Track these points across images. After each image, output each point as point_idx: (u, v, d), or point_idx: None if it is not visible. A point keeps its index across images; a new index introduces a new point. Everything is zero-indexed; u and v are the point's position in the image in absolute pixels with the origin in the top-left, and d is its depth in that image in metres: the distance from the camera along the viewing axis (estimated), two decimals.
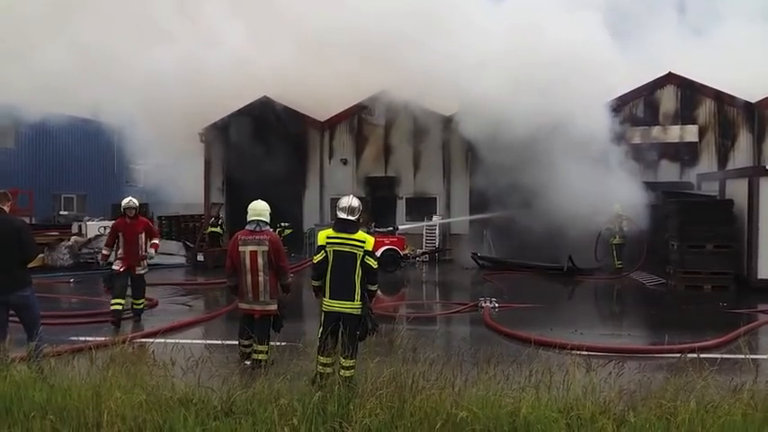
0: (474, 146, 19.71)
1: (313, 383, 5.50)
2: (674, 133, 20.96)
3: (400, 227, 19.74)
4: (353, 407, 4.74)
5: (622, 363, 5.67)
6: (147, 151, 27.82)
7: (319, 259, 6.26)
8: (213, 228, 20.70)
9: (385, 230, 18.46)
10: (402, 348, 5.92)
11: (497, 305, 11.66)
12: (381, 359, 5.51)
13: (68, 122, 27.27)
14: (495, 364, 5.44)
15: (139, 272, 10.21)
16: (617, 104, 20.21)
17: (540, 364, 5.49)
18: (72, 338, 8.16)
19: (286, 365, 5.87)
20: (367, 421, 4.53)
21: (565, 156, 16.54)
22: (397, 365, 5.26)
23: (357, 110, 23.09)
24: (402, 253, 18.10)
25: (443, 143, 22.16)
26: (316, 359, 6.13)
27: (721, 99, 20.71)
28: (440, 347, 7.92)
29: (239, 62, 22.01)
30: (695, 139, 20.84)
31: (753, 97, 20.34)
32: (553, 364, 5.49)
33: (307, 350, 6.17)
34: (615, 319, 12.86)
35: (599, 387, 5.10)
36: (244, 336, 7.20)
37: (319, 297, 6.37)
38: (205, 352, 6.01)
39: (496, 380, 5.17)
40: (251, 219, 7.29)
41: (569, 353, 6.19)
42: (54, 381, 5.27)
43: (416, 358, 5.68)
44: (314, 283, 6.37)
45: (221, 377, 5.26)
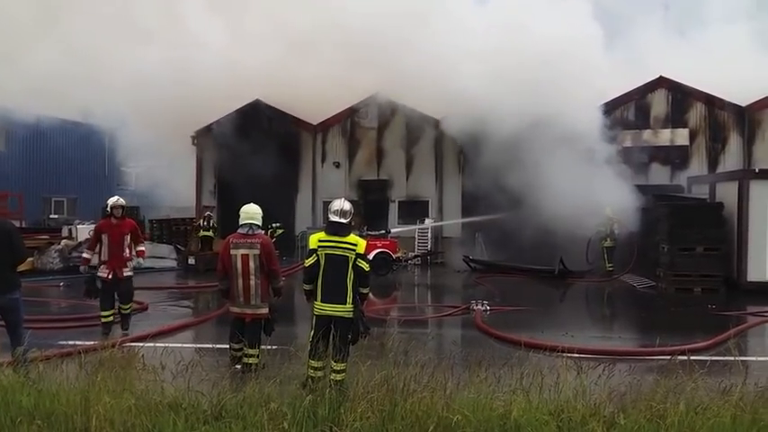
0: (465, 148, 19.76)
1: (304, 387, 5.48)
2: (665, 136, 21.09)
3: (392, 230, 19.76)
4: (344, 410, 4.73)
5: (613, 365, 5.69)
6: (139, 154, 27.72)
7: (311, 263, 6.25)
8: (206, 232, 20.61)
9: (377, 233, 18.46)
10: (393, 351, 5.91)
11: (489, 308, 11.66)
12: (373, 362, 5.50)
13: (59, 125, 27.13)
14: (486, 367, 5.45)
15: (126, 274, 9.46)
16: (608, 107, 20.32)
17: (531, 367, 5.50)
18: (61, 342, 8.09)
19: (277, 369, 5.85)
20: (358, 424, 4.52)
21: (555, 158, 16.60)
22: (389, 369, 5.26)
23: (350, 113, 23.11)
24: (394, 256, 18.09)
25: (436, 146, 22.22)
26: (307, 363, 6.11)
27: (712, 102, 20.87)
28: (431, 350, 7.91)
29: (231, 64, 21.99)
30: (686, 143, 20.97)
31: (743, 101, 20.49)
32: (544, 367, 5.50)
33: (298, 354, 6.15)
34: (606, 322, 12.92)
35: (589, 389, 5.12)
36: (234, 339, 7.16)
37: (311, 301, 6.35)
38: (195, 356, 5.98)
39: (488, 383, 5.18)
40: (243, 222, 7.27)
41: (560, 355, 6.20)
42: (42, 385, 5.23)
43: (408, 361, 5.67)
44: (305, 287, 6.35)
45: (211, 381, 5.23)
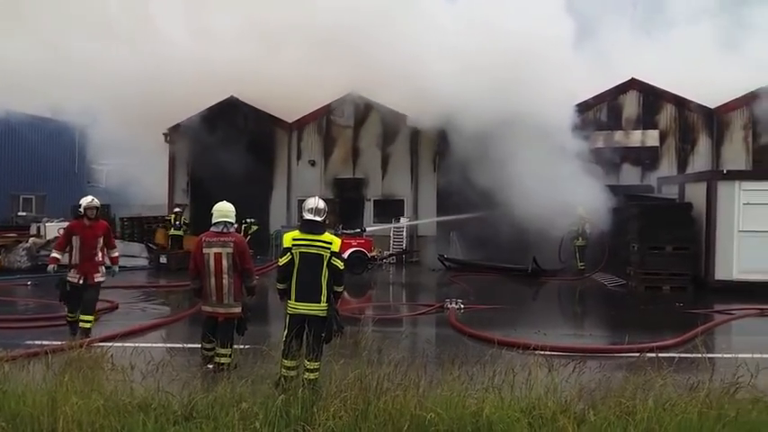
0: (439, 146, 19.85)
1: (277, 387, 5.45)
2: (636, 138, 21.43)
3: (368, 228, 19.75)
4: (317, 409, 4.71)
5: (583, 362, 5.77)
6: (110, 151, 27.25)
7: (285, 262, 6.21)
8: (176, 231, 20.34)
9: (352, 232, 18.43)
10: (367, 350, 5.92)
11: (463, 306, 11.73)
12: (346, 361, 5.50)
13: (29, 121, 26.55)
14: (459, 365, 5.49)
15: (98, 279, 8.89)
16: (581, 108, 20.58)
17: (504, 365, 5.55)
18: (28, 342, 7.92)
19: (249, 369, 5.81)
20: (331, 423, 4.51)
21: (527, 158, 16.75)
22: (362, 367, 5.26)
23: (325, 111, 23.03)
24: (369, 255, 18.09)
25: (411, 145, 22.27)
26: (280, 362, 6.07)
27: (682, 104, 21.27)
28: (405, 349, 7.93)
29: (204, 61, 21.73)
30: (656, 144, 21.34)
31: (712, 102, 20.92)
32: (516, 365, 5.56)
33: (271, 353, 6.11)
34: (577, 320, 13.11)
35: (560, 386, 5.19)
36: (206, 339, 7.09)
37: (284, 300, 6.31)
38: (166, 356, 5.91)
39: (460, 381, 5.21)
40: (216, 220, 7.19)
41: (532, 353, 6.26)
42: (7, 386, 5.11)
43: (381, 360, 5.69)
44: (279, 286, 6.30)
45: (182, 381, 5.18)
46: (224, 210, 7.23)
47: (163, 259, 18.92)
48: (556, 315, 13.62)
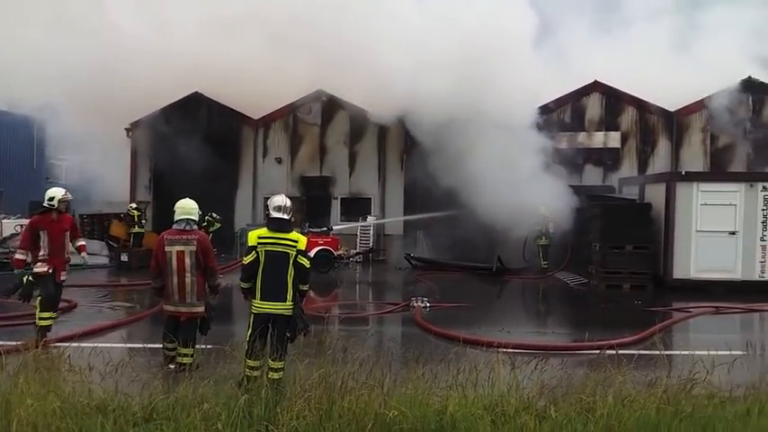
0: (407, 145, 19.91)
1: (240, 387, 5.39)
2: (599, 139, 21.84)
3: (334, 227, 19.68)
4: (281, 409, 4.68)
5: (546, 360, 5.86)
6: (70, 146, 26.56)
7: (250, 260, 6.14)
8: (140, 228, 19.92)
9: (319, 230, 18.34)
10: (332, 349, 5.90)
11: (429, 305, 11.80)
12: (311, 360, 5.47)
13: None
14: (423, 364, 5.52)
15: (63, 277, 8.54)
16: (546, 110, 20.89)
17: (468, 363, 5.60)
18: None
19: (212, 369, 5.73)
20: (294, 423, 4.49)
21: (491, 157, 16.88)
22: (327, 366, 5.24)
23: (292, 108, 22.86)
24: (336, 253, 18.03)
25: (379, 144, 22.28)
26: (243, 362, 6.00)
27: (643, 107, 21.75)
28: (370, 348, 7.91)
29: (168, 54, 21.33)
30: (618, 145, 21.78)
31: (672, 105, 21.46)
32: (480, 362, 5.61)
33: (234, 353, 6.04)
34: (540, 318, 13.31)
35: (523, 384, 5.26)
36: (168, 339, 6.98)
37: (248, 299, 6.24)
38: (126, 356, 5.79)
39: (425, 379, 5.24)
40: (179, 218, 7.08)
41: (496, 351, 6.32)
42: None
43: (346, 359, 5.67)
44: (243, 285, 6.23)
45: (142, 382, 5.08)
46: (187, 207, 7.12)
47: (124, 257, 18.52)
48: (519, 313, 13.82)
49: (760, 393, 5.26)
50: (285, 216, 6.25)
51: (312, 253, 16.17)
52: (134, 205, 20.44)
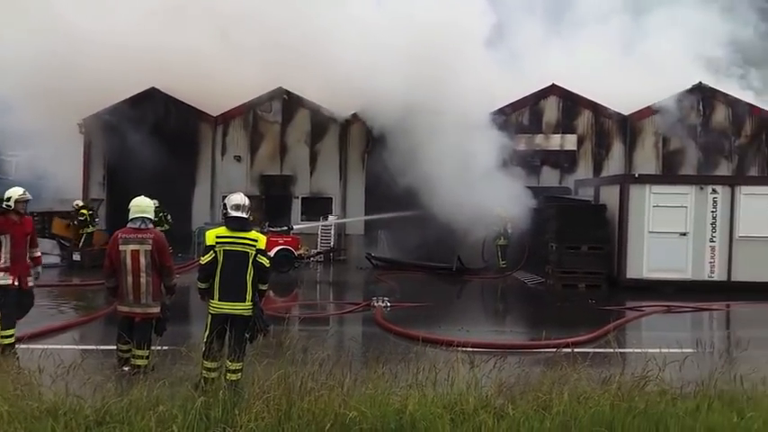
0: (368, 145, 19.91)
1: (196, 389, 5.29)
2: (556, 141, 22.26)
3: (295, 226, 19.53)
4: (239, 411, 4.62)
5: (504, 358, 5.94)
6: (20, 141, 25.56)
7: (208, 260, 6.04)
8: (93, 227, 19.34)
9: (279, 230, 18.17)
10: (292, 349, 5.85)
11: (389, 304, 11.82)
12: (270, 361, 5.41)
13: None
14: (383, 363, 5.52)
15: (30, 284, 7.81)
16: (505, 112, 21.18)
17: (428, 362, 5.63)
18: None
19: (168, 371, 5.62)
20: (253, 425, 4.44)
21: (448, 157, 17.01)
22: (286, 367, 5.19)
23: (252, 105, 22.58)
24: (296, 253, 17.89)
25: (340, 143, 22.20)
26: (200, 364, 5.89)
27: (598, 111, 22.26)
28: (331, 348, 7.87)
29: (123, 48, 20.74)
30: (574, 148, 22.24)
31: (626, 109, 22.03)
32: (440, 361, 5.64)
33: (191, 354, 5.93)
34: (499, 317, 13.52)
35: (481, 382, 5.31)
36: (122, 340, 6.81)
37: (206, 299, 6.14)
38: (78, 358, 5.61)
39: (385, 378, 5.24)
40: (134, 216, 6.91)
41: (455, 350, 6.37)
42: None
43: (306, 359, 5.63)
44: (200, 286, 6.13)
45: (95, 384, 4.93)
46: (142, 205, 6.96)
47: (76, 256, 17.99)
48: (479, 312, 13.99)
49: (709, 390, 5.44)
50: (244, 215, 6.17)
51: (272, 252, 16.02)
52: (80, 203, 19.76)
